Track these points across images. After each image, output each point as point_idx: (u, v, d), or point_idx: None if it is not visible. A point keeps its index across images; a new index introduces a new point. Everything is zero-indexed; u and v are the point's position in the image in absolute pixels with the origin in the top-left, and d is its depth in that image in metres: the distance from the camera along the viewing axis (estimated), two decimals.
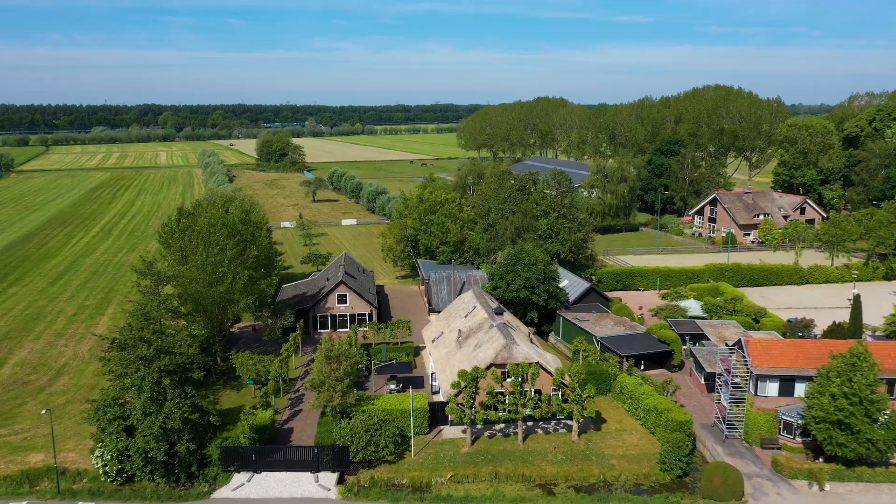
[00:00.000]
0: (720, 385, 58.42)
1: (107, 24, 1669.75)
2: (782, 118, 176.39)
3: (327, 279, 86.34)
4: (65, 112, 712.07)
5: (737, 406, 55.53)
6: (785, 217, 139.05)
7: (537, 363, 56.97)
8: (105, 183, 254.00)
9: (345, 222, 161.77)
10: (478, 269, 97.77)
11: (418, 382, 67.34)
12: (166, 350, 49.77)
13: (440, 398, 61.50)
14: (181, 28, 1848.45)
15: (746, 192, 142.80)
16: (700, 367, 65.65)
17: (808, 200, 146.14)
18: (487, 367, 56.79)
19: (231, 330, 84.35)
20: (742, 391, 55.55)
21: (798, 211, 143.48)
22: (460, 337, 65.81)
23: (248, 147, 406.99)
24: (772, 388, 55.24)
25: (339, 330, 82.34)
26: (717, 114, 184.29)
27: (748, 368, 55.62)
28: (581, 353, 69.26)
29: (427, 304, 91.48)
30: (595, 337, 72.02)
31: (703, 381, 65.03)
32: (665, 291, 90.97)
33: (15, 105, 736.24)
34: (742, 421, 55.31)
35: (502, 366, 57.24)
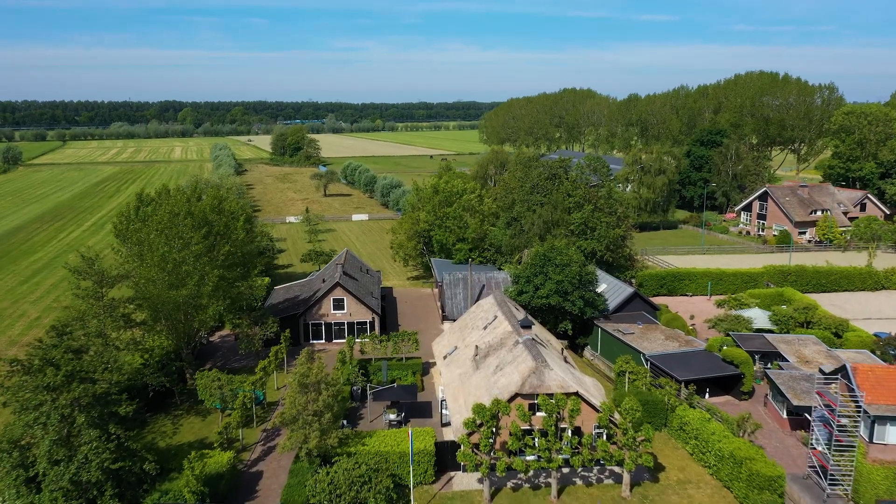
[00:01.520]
0: (816, 424, 44.73)
1: (135, 24, 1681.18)
2: (835, 105, 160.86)
3: (323, 280, 73.79)
4: (86, 108, 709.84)
5: (842, 455, 41.86)
6: (844, 213, 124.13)
7: (576, 394, 43.86)
8: (112, 177, 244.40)
9: (355, 217, 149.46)
10: (500, 269, 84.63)
11: (425, 410, 54.57)
12: (83, 376, 37.40)
13: (451, 434, 48.60)
14: (206, 28, 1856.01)
15: (801, 186, 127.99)
16: (780, 396, 51.96)
17: (868, 195, 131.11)
18: (511, 399, 43.82)
19: (210, 339, 72.24)
20: (850, 436, 41.87)
21: (858, 207, 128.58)
22: (478, 354, 52.86)
23: (265, 143, 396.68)
24: (892, 434, 41.59)
25: (335, 340, 69.72)
26: (762, 102, 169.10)
27: (858, 405, 41.98)
28: (627, 375, 55.87)
29: (440, 311, 78.63)
30: (643, 355, 58.62)
31: (784, 416, 51.33)
32: (721, 298, 77.14)
33: (37, 101, 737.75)
34: (850, 475, 41.64)
35: (531, 396, 44.21)
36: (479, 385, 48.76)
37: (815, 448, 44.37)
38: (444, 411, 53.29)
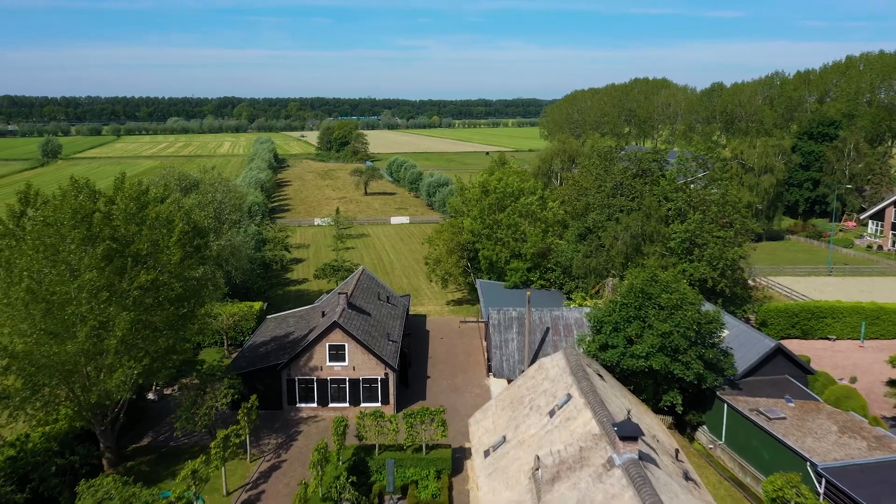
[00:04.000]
0: None
1: (202, 24, 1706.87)
2: None
3: (323, 313, 52.92)
4: (146, 104, 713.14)
5: None
6: None
7: None
8: (147, 171, 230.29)
9: (394, 220, 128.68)
10: (569, 299, 62.44)
11: None
12: None
13: None
14: (271, 27, 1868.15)
15: None
16: None
17: None
18: None
19: (166, 393, 52.26)
20: None
21: None
22: (539, 471, 31.01)
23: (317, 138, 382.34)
24: None
25: (331, 405, 48.69)
26: (884, 88, 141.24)
27: None
28: None
29: (486, 359, 57.03)
30: (811, 463, 35.70)
31: None
32: None
33: (100, 97, 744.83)
34: None
35: None
36: None
37: None
38: None
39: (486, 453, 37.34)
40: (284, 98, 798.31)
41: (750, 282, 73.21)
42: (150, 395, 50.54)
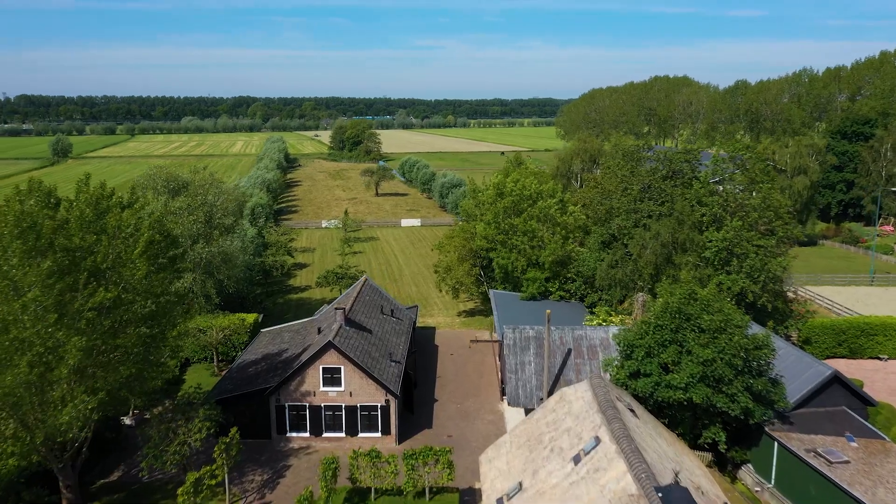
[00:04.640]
0: None
1: (223, 25, 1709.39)
2: None
3: (319, 330, 47.75)
4: (161, 103, 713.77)
5: None
6: None
7: None
8: None
9: (405, 222, 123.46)
10: (591, 312, 56.82)
11: None
12: None
13: None
14: (290, 28, 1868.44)
15: None
16: None
17: None
18: None
19: (145, 416, 47.19)
20: None
21: None
22: None
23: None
24: None
25: (325, 434, 43.41)
26: None
27: None
28: None
29: (500, 381, 51.57)
30: None
31: None
32: None
33: (116, 97, 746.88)
34: None
35: None
36: None
37: None
38: None
39: (500, 502, 31.95)
40: (299, 98, 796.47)
41: (790, 294, 67.19)
42: (127, 420, 45.63)
